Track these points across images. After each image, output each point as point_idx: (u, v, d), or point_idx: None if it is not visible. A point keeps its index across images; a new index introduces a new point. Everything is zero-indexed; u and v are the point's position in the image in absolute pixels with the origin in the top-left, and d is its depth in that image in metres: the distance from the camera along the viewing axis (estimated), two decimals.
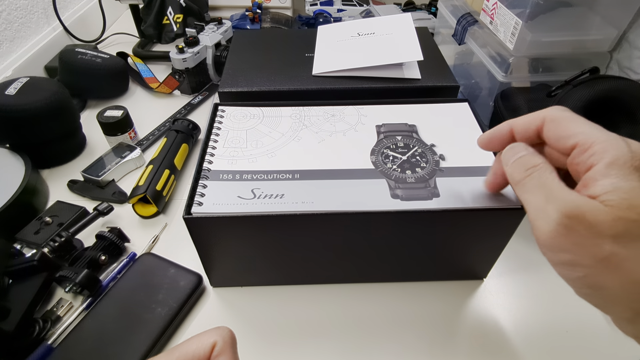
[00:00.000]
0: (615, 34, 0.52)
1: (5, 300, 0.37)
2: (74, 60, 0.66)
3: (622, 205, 0.20)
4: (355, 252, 0.38)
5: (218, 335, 0.22)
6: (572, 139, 0.23)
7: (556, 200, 0.21)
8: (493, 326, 0.40)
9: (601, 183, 0.21)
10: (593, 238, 0.20)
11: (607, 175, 0.20)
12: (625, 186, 0.20)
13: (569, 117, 0.24)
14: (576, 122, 0.24)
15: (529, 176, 0.24)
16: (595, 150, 0.21)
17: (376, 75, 0.50)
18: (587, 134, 0.22)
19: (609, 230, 0.20)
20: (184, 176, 0.56)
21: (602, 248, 0.20)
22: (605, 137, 0.22)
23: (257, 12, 0.85)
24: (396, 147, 0.38)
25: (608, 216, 0.20)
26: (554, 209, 0.21)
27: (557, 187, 0.22)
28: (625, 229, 0.20)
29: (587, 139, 0.22)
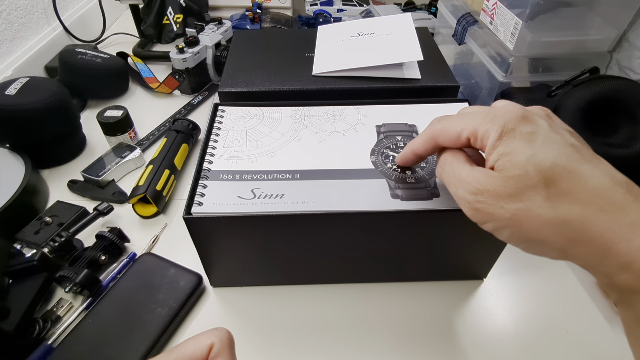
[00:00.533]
0: (615, 34, 0.52)
1: (5, 300, 0.37)
2: (74, 60, 0.66)
3: (506, 166, 0.23)
4: (355, 252, 0.38)
5: (215, 336, 0.22)
6: (462, 135, 0.26)
7: (462, 184, 0.25)
8: (493, 326, 0.40)
9: (492, 155, 0.24)
10: (496, 203, 0.23)
11: (495, 147, 0.24)
12: (506, 149, 0.23)
13: (448, 122, 0.27)
14: (456, 121, 0.27)
15: (443, 171, 0.28)
16: (481, 133, 0.25)
17: (376, 75, 0.50)
18: (468, 125, 0.26)
19: (504, 192, 0.23)
20: (184, 176, 0.56)
21: (506, 209, 0.23)
22: (481, 118, 0.25)
23: (257, 12, 0.85)
24: (396, 147, 0.38)
25: (500, 180, 0.23)
26: (463, 191, 0.25)
27: (462, 172, 0.26)
28: (514, 185, 0.23)
29: (471, 130, 0.25)
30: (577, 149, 0.23)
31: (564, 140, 0.23)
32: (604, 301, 0.41)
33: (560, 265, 0.45)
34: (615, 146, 0.46)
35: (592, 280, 0.43)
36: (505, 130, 0.24)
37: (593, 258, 0.22)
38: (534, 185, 0.22)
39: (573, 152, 0.23)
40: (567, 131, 0.25)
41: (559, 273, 0.44)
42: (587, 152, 0.23)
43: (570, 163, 0.22)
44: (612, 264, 0.21)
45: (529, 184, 0.22)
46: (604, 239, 0.21)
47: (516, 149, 0.23)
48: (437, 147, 0.29)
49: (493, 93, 0.58)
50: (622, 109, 0.47)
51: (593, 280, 0.43)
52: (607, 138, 0.46)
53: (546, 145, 0.23)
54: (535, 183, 0.22)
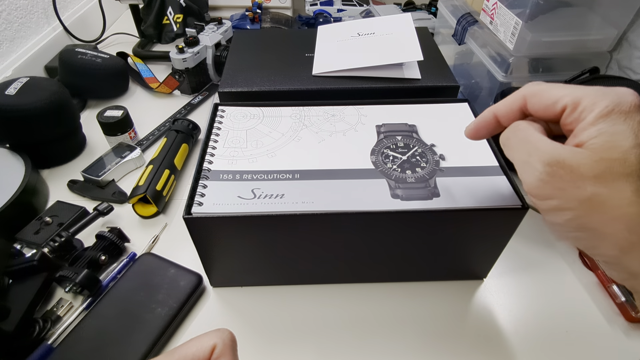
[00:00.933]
0: (615, 34, 0.52)
1: (5, 300, 0.37)
2: (74, 60, 0.66)
3: (604, 147, 0.21)
4: (355, 252, 0.38)
5: (218, 337, 0.22)
6: (559, 103, 0.23)
7: (537, 151, 0.23)
8: (493, 326, 0.40)
9: (588, 131, 0.22)
10: (575, 181, 0.21)
11: (595, 124, 0.21)
12: (610, 130, 0.21)
13: (548, 86, 0.25)
14: (557, 88, 0.24)
15: (513, 135, 0.25)
16: (584, 105, 0.22)
17: (376, 75, 0.50)
18: (572, 94, 0.23)
19: (590, 172, 0.21)
20: (184, 176, 0.56)
21: (584, 189, 0.21)
22: (591, 91, 0.22)
23: (257, 12, 0.85)
24: (396, 147, 0.38)
25: (589, 159, 0.21)
26: (536, 159, 0.22)
27: (538, 140, 0.23)
28: (607, 168, 0.21)
29: (574, 98, 0.23)
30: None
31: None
32: (604, 301, 0.41)
33: (561, 265, 0.45)
34: None
35: (592, 280, 0.43)
36: (618, 110, 0.21)
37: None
38: (628, 173, 0.20)
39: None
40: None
41: (559, 273, 0.44)
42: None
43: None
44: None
45: (623, 171, 0.20)
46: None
47: (623, 132, 0.21)
48: (523, 111, 0.26)
49: (493, 93, 0.58)
50: None
51: (593, 280, 0.43)
52: None
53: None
54: (631, 172, 0.20)
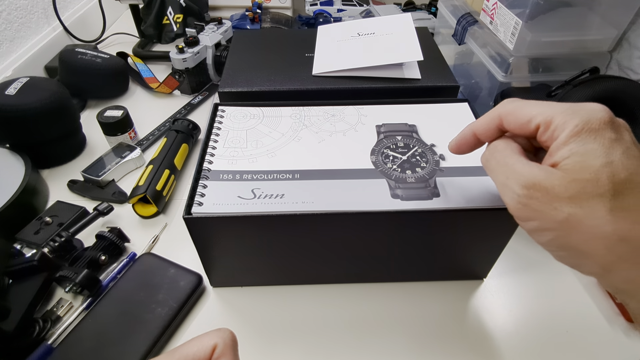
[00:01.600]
0: (615, 34, 0.52)
1: (5, 300, 0.37)
2: (74, 60, 0.66)
3: (576, 167, 0.21)
4: (355, 252, 0.38)
5: (219, 337, 0.22)
6: (533, 122, 0.24)
7: (514, 174, 0.23)
8: (493, 326, 0.40)
9: (561, 151, 0.22)
10: (551, 203, 0.21)
11: (567, 143, 0.22)
12: (581, 150, 0.21)
13: (522, 104, 0.25)
14: (531, 105, 0.25)
15: (492, 157, 0.26)
16: (556, 124, 0.22)
17: (376, 75, 0.50)
18: (544, 113, 0.23)
19: (565, 193, 0.21)
20: (184, 176, 0.56)
21: (561, 211, 0.21)
22: (562, 109, 0.23)
23: (257, 12, 0.85)
24: (396, 147, 0.38)
25: (563, 180, 0.21)
26: (514, 182, 0.23)
27: (516, 163, 0.24)
28: (580, 188, 0.21)
29: (546, 117, 0.23)
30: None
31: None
32: (604, 301, 0.41)
33: (561, 265, 0.44)
34: None
35: (592, 281, 0.43)
36: (587, 128, 0.21)
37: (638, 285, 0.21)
38: (601, 194, 0.20)
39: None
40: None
41: (559, 273, 0.44)
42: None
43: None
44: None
45: (596, 191, 0.20)
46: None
47: (593, 151, 0.21)
48: (500, 129, 0.26)
49: (493, 93, 0.58)
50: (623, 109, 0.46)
51: (593, 280, 0.43)
52: None
53: (625, 158, 0.21)
54: (604, 192, 0.20)
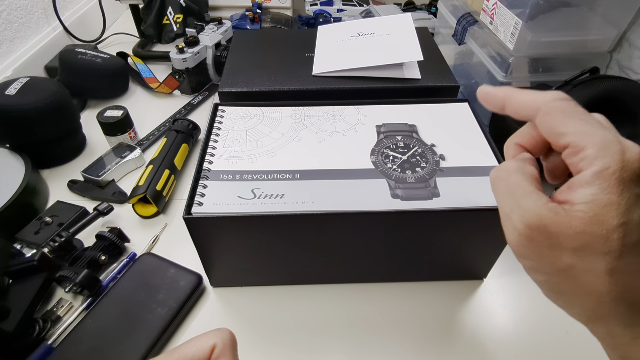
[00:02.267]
0: (615, 34, 0.52)
1: (5, 300, 0.37)
2: (74, 60, 0.66)
3: (591, 219, 0.19)
4: (355, 252, 0.38)
5: (218, 337, 0.22)
6: (564, 138, 0.21)
7: (520, 209, 0.21)
8: (493, 326, 0.40)
9: (581, 191, 0.20)
10: (553, 249, 0.20)
11: (590, 184, 0.19)
12: (602, 199, 0.19)
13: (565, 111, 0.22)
14: (571, 118, 0.21)
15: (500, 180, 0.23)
16: (586, 154, 0.20)
17: (376, 75, 0.50)
18: (580, 134, 0.20)
19: (570, 244, 0.19)
20: (184, 176, 0.56)
21: (560, 259, 0.20)
22: (598, 140, 0.20)
23: (257, 12, 0.85)
24: (396, 147, 0.38)
25: (571, 230, 0.19)
26: (517, 217, 0.21)
27: (524, 196, 0.21)
28: (587, 242, 0.19)
29: (579, 141, 0.20)
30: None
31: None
32: None
33: None
34: None
35: None
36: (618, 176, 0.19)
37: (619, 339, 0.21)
38: (606, 252, 0.19)
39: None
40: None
41: None
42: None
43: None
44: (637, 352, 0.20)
45: (603, 250, 0.19)
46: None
47: (614, 206, 0.19)
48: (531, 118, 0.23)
49: None
50: (622, 108, 0.46)
51: None
52: None
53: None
54: (609, 251, 0.19)
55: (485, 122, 0.60)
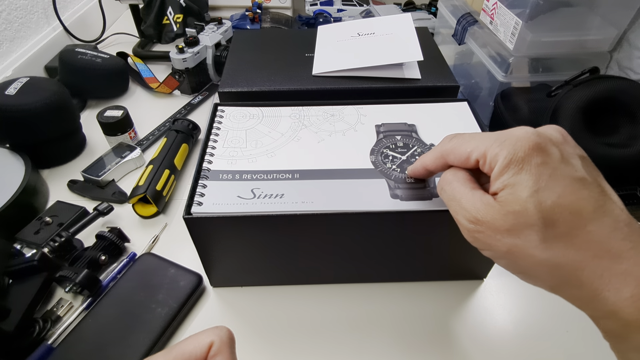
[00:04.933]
0: (615, 34, 0.52)
1: (5, 300, 0.37)
2: (74, 60, 0.66)
3: (508, 200, 0.22)
4: (355, 252, 0.38)
5: (215, 335, 0.22)
6: (471, 159, 0.25)
7: (462, 210, 0.25)
8: (493, 326, 0.40)
9: (496, 183, 0.23)
10: (494, 235, 0.23)
11: (500, 176, 0.23)
12: (511, 181, 0.22)
13: (460, 141, 0.26)
14: (467, 141, 0.26)
15: (443, 191, 0.27)
16: (490, 157, 0.24)
17: (376, 75, 0.50)
18: (478, 147, 0.25)
19: (503, 226, 0.22)
20: (184, 176, 0.56)
21: (502, 242, 0.23)
22: (492, 141, 0.24)
23: (257, 12, 0.85)
24: (396, 147, 0.38)
25: (499, 214, 0.23)
26: (462, 218, 0.25)
27: (462, 197, 0.25)
28: (514, 220, 0.22)
29: (480, 152, 0.24)
30: (585, 184, 0.22)
31: (573, 174, 0.22)
32: None
33: None
34: (615, 146, 0.46)
35: None
36: (514, 158, 0.22)
37: (582, 301, 0.22)
38: (531, 224, 0.22)
39: (580, 189, 0.22)
40: (580, 159, 0.23)
41: None
42: (595, 189, 0.22)
43: (574, 203, 0.21)
44: (599, 309, 0.21)
45: (527, 222, 0.22)
46: (593, 285, 0.21)
47: (521, 182, 0.22)
48: (446, 165, 0.28)
49: (493, 93, 0.58)
50: (622, 109, 0.47)
51: None
52: (607, 138, 0.46)
53: (553, 181, 0.22)
54: (534, 222, 0.21)
55: (485, 122, 0.60)
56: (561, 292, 0.23)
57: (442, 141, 0.28)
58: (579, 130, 0.46)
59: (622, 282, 0.20)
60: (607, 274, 0.21)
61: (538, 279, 0.23)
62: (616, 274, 0.21)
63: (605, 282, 0.21)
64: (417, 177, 0.34)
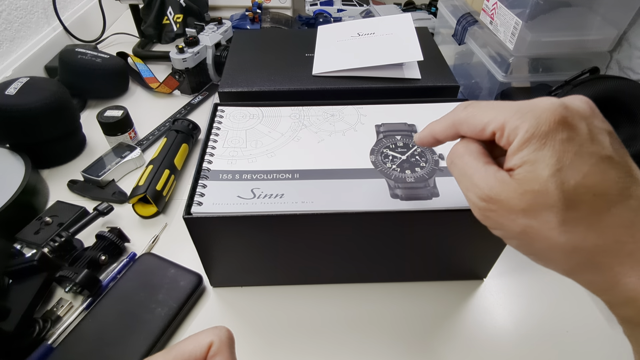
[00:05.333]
0: (615, 34, 0.52)
1: (5, 300, 0.37)
2: (74, 60, 0.66)
3: (527, 178, 0.21)
4: (355, 252, 0.38)
5: (215, 335, 0.22)
6: (487, 129, 0.23)
7: (473, 186, 0.23)
8: (493, 326, 0.40)
9: (514, 158, 0.21)
10: (508, 215, 0.21)
11: (520, 150, 0.21)
12: (531, 157, 0.21)
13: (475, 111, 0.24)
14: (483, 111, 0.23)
15: (453, 165, 0.25)
16: (509, 130, 0.22)
17: (376, 75, 0.50)
18: (496, 119, 0.22)
19: (518, 205, 0.21)
20: (184, 176, 0.56)
21: (517, 223, 0.21)
22: (512, 112, 0.22)
23: (257, 12, 0.85)
24: (395, 147, 0.38)
25: (515, 192, 0.21)
26: (473, 195, 0.23)
27: (474, 173, 0.23)
28: (531, 200, 0.20)
29: (498, 122, 0.22)
30: (613, 163, 0.20)
31: (600, 152, 0.20)
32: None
33: None
34: None
35: None
36: (537, 132, 0.20)
37: (599, 286, 0.21)
38: (551, 205, 0.20)
39: (607, 169, 0.20)
40: (608, 134, 0.21)
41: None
42: (622, 169, 0.20)
43: (599, 184, 0.20)
44: (617, 296, 0.20)
45: (546, 202, 0.20)
46: (613, 271, 0.20)
47: (542, 159, 0.20)
48: (457, 135, 0.26)
49: (493, 93, 0.58)
50: (622, 108, 0.46)
51: None
52: None
53: (578, 159, 0.20)
54: (554, 203, 0.20)
55: None
56: (576, 277, 0.22)
57: (456, 109, 0.26)
58: None
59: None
60: (628, 260, 0.20)
61: (552, 262, 0.22)
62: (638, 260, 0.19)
63: (627, 269, 0.20)
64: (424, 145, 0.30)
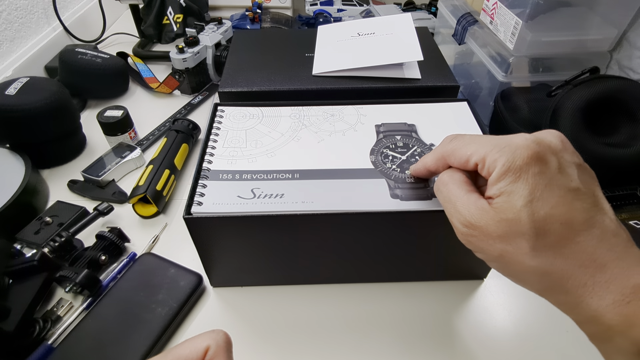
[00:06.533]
0: (615, 34, 0.52)
1: (5, 300, 0.37)
2: (74, 60, 0.66)
3: (502, 207, 0.23)
4: (355, 252, 0.38)
5: (212, 339, 0.22)
6: (470, 162, 0.26)
7: (456, 213, 0.25)
8: (493, 326, 0.40)
9: (493, 188, 0.24)
10: (487, 240, 0.24)
11: (497, 182, 0.23)
12: (508, 189, 0.23)
13: (460, 143, 0.27)
14: (467, 144, 0.26)
15: (439, 192, 0.28)
16: (488, 163, 0.24)
17: (376, 75, 0.50)
18: (478, 152, 0.25)
19: (495, 232, 0.23)
20: (184, 176, 0.56)
21: (495, 247, 0.23)
22: (491, 146, 0.24)
23: (257, 12, 0.85)
24: (395, 147, 0.38)
25: (493, 220, 0.23)
26: (456, 220, 0.25)
27: (457, 200, 0.25)
28: (506, 227, 0.23)
29: (479, 156, 0.25)
30: (579, 195, 0.23)
31: (568, 185, 0.23)
32: None
33: None
34: (615, 146, 0.46)
35: None
36: (512, 166, 0.23)
37: (567, 306, 0.23)
38: (523, 232, 0.22)
39: (573, 200, 0.22)
40: (577, 167, 0.24)
41: None
42: (588, 199, 0.23)
43: (565, 214, 0.22)
44: (582, 314, 0.23)
45: (519, 230, 0.22)
46: (578, 292, 0.22)
47: (517, 190, 0.23)
48: (447, 165, 0.29)
49: (493, 93, 0.58)
50: (622, 108, 0.46)
51: None
52: (607, 138, 0.46)
53: (548, 191, 0.22)
54: (525, 231, 0.22)
55: (485, 122, 0.60)
56: (548, 297, 0.24)
57: (443, 142, 0.29)
58: (578, 130, 0.46)
59: (605, 290, 0.21)
60: (591, 282, 0.22)
61: (527, 283, 0.24)
62: (599, 282, 0.21)
63: (589, 290, 0.22)
64: (419, 176, 0.34)
